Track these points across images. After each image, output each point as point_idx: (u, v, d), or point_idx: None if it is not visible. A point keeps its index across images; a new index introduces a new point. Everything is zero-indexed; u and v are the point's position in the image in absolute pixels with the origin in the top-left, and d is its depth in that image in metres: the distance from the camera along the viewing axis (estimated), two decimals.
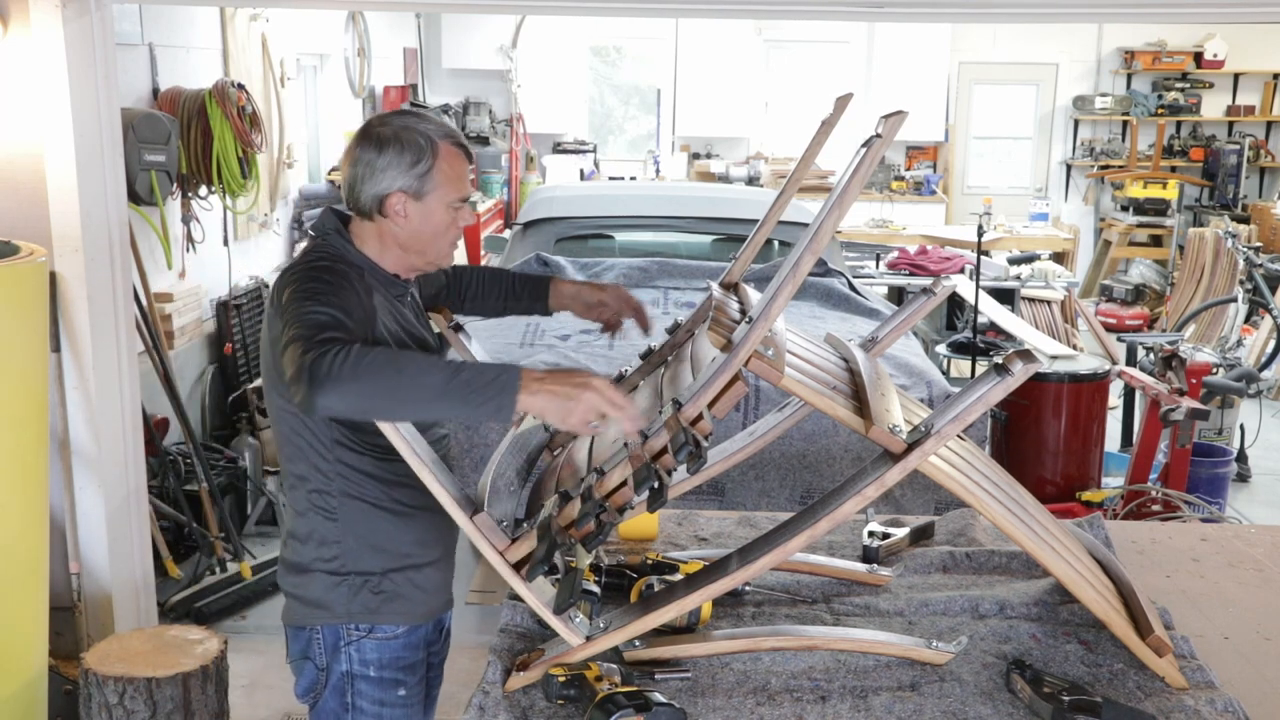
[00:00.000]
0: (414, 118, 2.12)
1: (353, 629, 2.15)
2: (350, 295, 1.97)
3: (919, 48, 10.70)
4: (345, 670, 2.17)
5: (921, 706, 2.00)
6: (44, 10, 3.25)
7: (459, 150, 2.10)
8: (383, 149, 2.06)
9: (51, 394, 3.29)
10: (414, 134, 2.07)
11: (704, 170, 10.99)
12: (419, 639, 2.22)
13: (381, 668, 2.17)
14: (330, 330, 1.85)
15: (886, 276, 7.46)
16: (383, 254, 2.13)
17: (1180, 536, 2.96)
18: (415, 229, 2.09)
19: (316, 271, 2.01)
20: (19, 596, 3.02)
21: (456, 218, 2.12)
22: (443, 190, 2.08)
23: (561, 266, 5.29)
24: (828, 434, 3.99)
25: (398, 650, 2.18)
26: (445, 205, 2.09)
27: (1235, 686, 2.12)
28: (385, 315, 2.07)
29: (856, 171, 1.90)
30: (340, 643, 2.16)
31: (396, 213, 2.07)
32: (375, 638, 2.16)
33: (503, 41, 10.50)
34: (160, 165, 4.77)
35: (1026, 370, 1.84)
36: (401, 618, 2.17)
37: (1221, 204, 10.61)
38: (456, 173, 2.09)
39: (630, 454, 1.88)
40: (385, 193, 2.06)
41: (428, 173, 2.06)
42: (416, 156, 2.05)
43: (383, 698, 2.19)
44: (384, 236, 2.11)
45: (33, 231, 3.31)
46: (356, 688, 2.17)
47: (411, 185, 2.06)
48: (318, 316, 1.87)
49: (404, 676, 2.20)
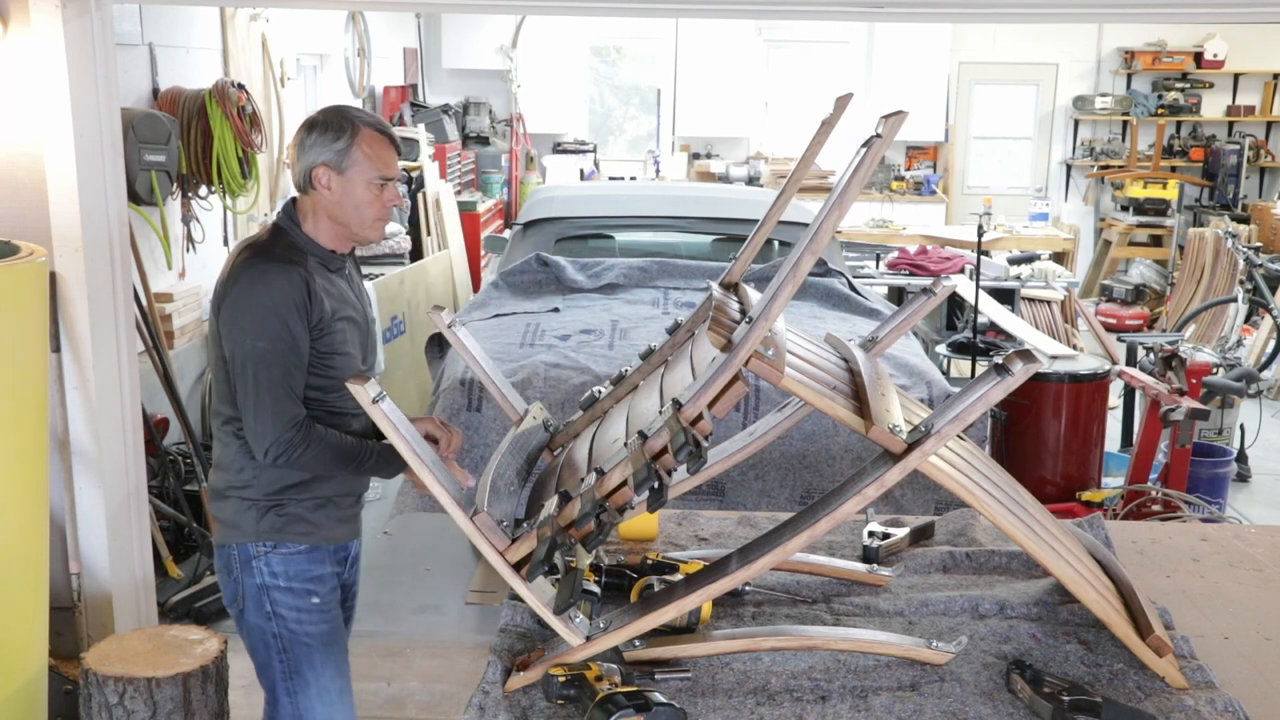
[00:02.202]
0: (348, 108, 2.44)
1: (261, 546, 2.46)
2: (283, 298, 2.31)
3: (919, 48, 10.70)
4: (259, 583, 2.47)
5: (921, 706, 2.00)
6: (44, 10, 3.25)
7: (381, 136, 2.40)
8: (311, 130, 2.39)
9: (51, 394, 3.29)
10: (340, 118, 2.39)
11: (704, 170, 10.98)
12: (324, 556, 2.52)
13: (290, 579, 2.48)
14: (297, 408, 2.33)
15: (886, 276, 7.46)
16: (318, 227, 2.43)
17: (1180, 536, 2.96)
18: (338, 200, 2.39)
19: (256, 287, 2.32)
20: (19, 596, 3.02)
21: (380, 195, 2.40)
22: (362, 166, 2.37)
23: (561, 266, 5.29)
24: (828, 434, 3.99)
25: (302, 564, 2.48)
26: (365, 181, 2.37)
27: (1235, 686, 2.12)
28: (323, 298, 2.37)
29: (856, 171, 1.90)
30: (251, 559, 2.47)
31: (322, 184, 2.38)
32: (280, 553, 2.46)
33: (503, 41, 10.50)
34: (160, 165, 4.78)
35: (1026, 370, 1.84)
36: (303, 538, 2.47)
37: (1221, 204, 10.60)
38: (375, 153, 2.38)
39: (630, 454, 1.89)
40: (310, 165, 2.37)
41: (347, 149, 2.36)
42: (337, 135, 2.37)
43: (298, 605, 2.49)
44: (317, 209, 2.42)
45: (33, 231, 3.31)
46: (272, 597, 2.48)
47: (332, 159, 2.36)
48: (285, 390, 2.32)
49: (314, 586, 2.50)
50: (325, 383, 2.41)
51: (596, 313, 4.82)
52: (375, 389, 1.98)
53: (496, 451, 2.38)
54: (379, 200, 2.41)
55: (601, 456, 2.03)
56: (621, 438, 2.05)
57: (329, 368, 2.41)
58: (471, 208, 8.93)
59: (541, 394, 3.96)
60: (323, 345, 2.38)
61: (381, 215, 2.43)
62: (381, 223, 2.46)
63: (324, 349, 2.39)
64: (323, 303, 2.37)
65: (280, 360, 2.32)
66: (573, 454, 2.28)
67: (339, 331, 2.41)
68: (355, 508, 2.62)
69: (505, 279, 5.29)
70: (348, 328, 2.45)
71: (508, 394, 2.56)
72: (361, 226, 2.42)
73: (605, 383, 2.61)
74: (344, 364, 2.43)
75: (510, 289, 5.24)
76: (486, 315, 4.88)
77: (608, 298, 5.10)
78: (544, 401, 3.52)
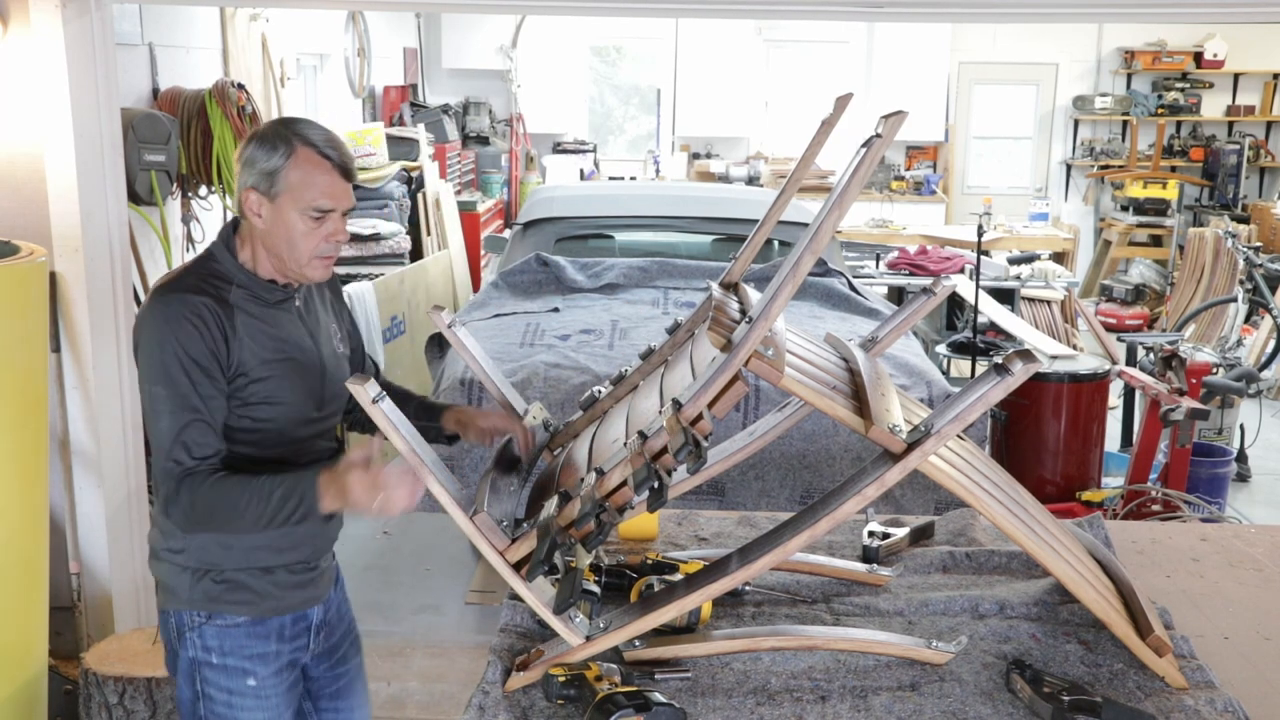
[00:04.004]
0: (299, 123, 2.07)
1: (195, 616, 2.13)
2: (180, 332, 1.97)
3: (919, 48, 10.70)
4: (191, 656, 2.15)
5: (921, 706, 2.00)
6: (44, 10, 3.25)
7: (323, 158, 2.02)
8: (249, 144, 2.05)
9: (51, 394, 3.29)
10: (279, 134, 2.03)
11: (704, 170, 10.98)
12: (270, 631, 2.18)
13: (224, 654, 2.14)
14: (183, 459, 1.97)
15: (886, 276, 7.46)
16: (256, 257, 2.09)
17: (1180, 536, 2.96)
18: (268, 230, 2.05)
19: (152, 323, 2.00)
20: (19, 596, 3.02)
21: (316, 228, 2.04)
22: (295, 193, 2.01)
23: (561, 266, 5.29)
24: (828, 434, 3.99)
25: (240, 639, 2.14)
26: (299, 211, 2.02)
27: (1235, 686, 2.12)
28: (253, 336, 2.05)
29: (856, 171, 1.90)
30: (185, 629, 2.14)
31: (252, 210, 2.05)
32: (215, 625, 2.13)
33: (503, 41, 10.50)
34: (160, 165, 4.77)
35: (1026, 370, 1.84)
36: (243, 609, 2.14)
37: (1221, 204, 10.61)
38: (310, 179, 2.02)
39: (630, 454, 1.88)
40: (240, 188, 2.05)
41: (278, 171, 2.01)
42: (270, 154, 2.01)
43: (230, 686, 2.15)
44: (252, 237, 2.08)
45: (33, 231, 3.31)
46: (203, 674, 2.15)
47: (261, 183, 2.02)
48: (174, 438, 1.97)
49: (251, 666, 2.16)
50: (250, 436, 2.07)
51: (596, 313, 4.82)
52: (375, 389, 1.88)
53: (496, 451, 2.38)
54: (317, 233, 2.04)
55: (601, 456, 2.03)
56: (621, 438, 2.05)
57: (251, 419, 2.07)
58: (471, 208, 8.94)
59: (541, 394, 3.96)
60: (246, 394, 2.05)
61: (320, 253, 2.07)
62: (322, 261, 2.09)
63: (248, 398, 2.05)
64: (243, 342, 2.03)
65: (175, 407, 1.97)
66: (573, 454, 2.28)
67: (269, 379, 2.07)
68: (312, 572, 2.23)
69: (505, 279, 5.29)
70: (288, 372, 2.09)
71: (508, 394, 2.56)
72: (296, 264, 2.06)
73: (605, 383, 2.60)
74: (274, 414, 2.08)
75: (510, 289, 5.24)
76: (486, 315, 4.88)
77: (608, 298, 5.10)
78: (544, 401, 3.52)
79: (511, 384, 2.66)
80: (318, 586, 2.25)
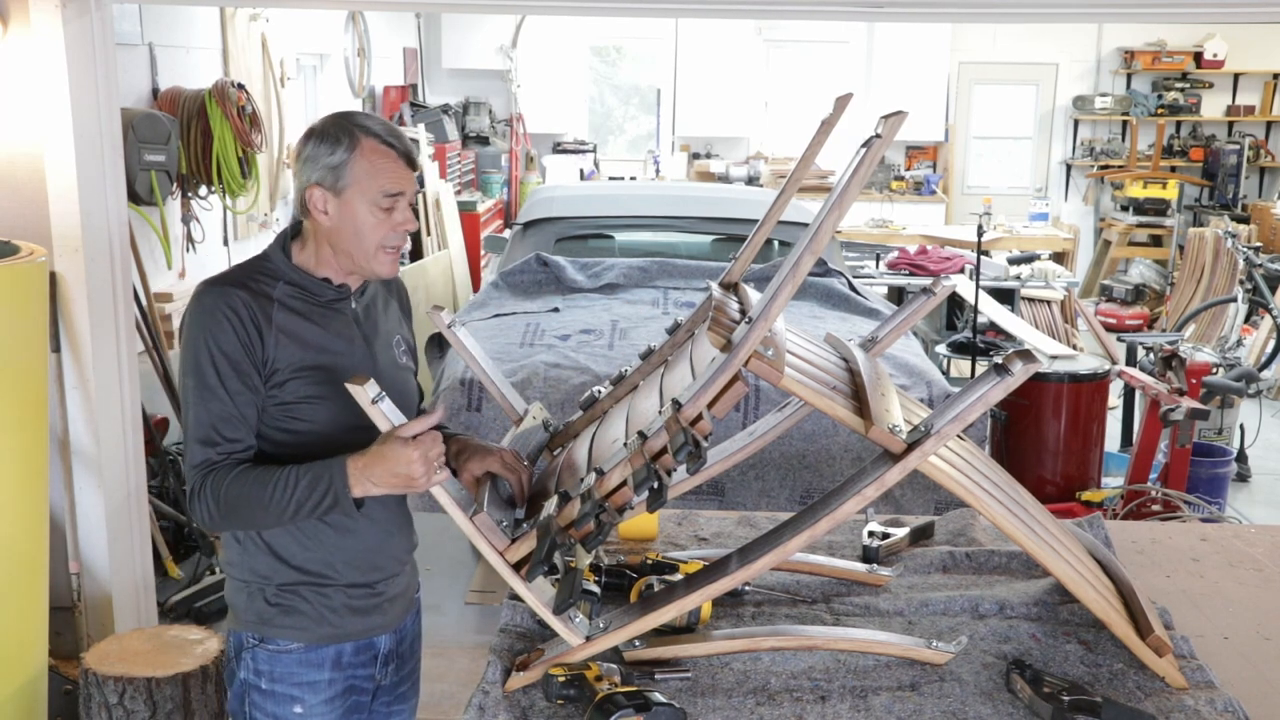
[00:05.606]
0: (358, 115, 2.03)
1: (250, 637, 2.07)
2: (215, 324, 1.93)
3: (919, 48, 10.70)
4: (243, 678, 2.09)
5: (921, 706, 2.00)
6: (44, 10, 3.25)
7: (387, 147, 1.98)
8: (308, 141, 1.99)
9: (51, 394, 3.29)
10: (340, 127, 1.98)
11: (704, 170, 10.99)
12: (324, 659, 2.08)
13: (273, 680, 2.06)
14: (207, 451, 1.93)
15: (886, 276, 7.46)
16: (317, 256, 2.04)
17: (1180, 536, 2.96)
18: (336, 226, 1.99)
19: (192, 314, 1.97)
20: (19, 596, 3.02)
21: (387, 219, 1.99)
22: (363, 185, 1.96)
23: (561, 266, 5.29)
24: (828, 434, 3.99)
25: (291, 666, 2.06)
26: (367, 202, 1.97)
27: (1235, 686, 2.12)
28: (292, 333, 1.98)
29: (856, 171, 1.90)
30: (241, 649, 2.09)
31: (317, 208, 1.99)
32: (268, 649, 2.06)
33: (503, 41, 10.50)
34: (160, 165, 4.78)
35: (1026, 370, 1.84)
36: (297, 634, 2.05)
37: (1221, 204, 10.61)
38: (378, 168, 1.97)
39: (630, 454, 1.88)
40: (304, 186, 1.99)
41: (343, 165, 1.95)
42: (333, 148, 1.96)
43: (276, 712, 2.07)
44: (317, 236, 2.03)
45: (33, 231, 3.31)
46: (251, 698, 2.08)
47: (327, 178, 1.96)
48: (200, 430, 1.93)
49: (300, 694, 2.07)
50: (292, 445, 1.99)
51: (596, 313, 4.82)
52: (374, 389, 1.85)
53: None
54: (385, 223, 1.99)
55: (601, 456, 2.03)
56: (621, 438, 2.04)
57: (292, 424, 2.00)
58: (471, 208, 8.94)
59: (541, 394, 3.96)
60: (284, 392, 1.98)
61: (388, 242, 2.01)
62: (387, 252, 2.03)
63: (286, 397, 1.98)
64: (279, 338, 1.97)
65: (202, 398, 1.93)
66: (572, 454, 2.28)
67: (306, 378, 1.99)
68: (375, 597, 2.11)
69: (505, 279, 5.29)
70: (329, 373, 2.00)
71: (507, 394, 2.55)
72: (365, 258, 2.00)
73: (605, 383, 2.60)
74: (315, 417, 2.00)
75: (510, 289, 5.24)
76: (486, 315, 4.88)
77: (608, 298, 5.10)
78: (544, 401, 3.52)
79: (511, 384, 2.66)
80: (384, 614, 2.14)
